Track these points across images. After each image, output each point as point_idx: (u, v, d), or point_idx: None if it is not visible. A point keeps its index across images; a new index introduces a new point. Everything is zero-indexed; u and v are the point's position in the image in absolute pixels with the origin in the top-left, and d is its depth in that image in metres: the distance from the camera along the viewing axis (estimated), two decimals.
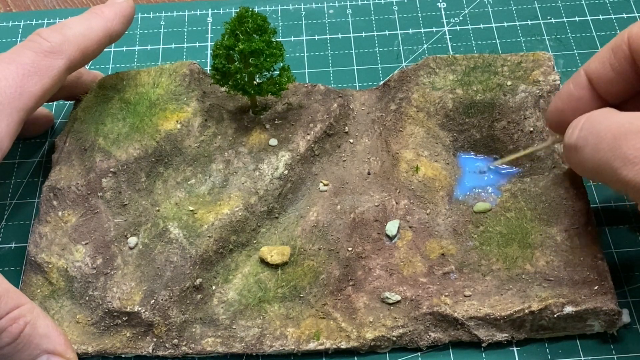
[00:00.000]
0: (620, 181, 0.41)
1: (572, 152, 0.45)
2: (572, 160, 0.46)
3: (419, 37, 0.66)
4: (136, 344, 0.48)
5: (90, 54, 0.52)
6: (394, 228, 0.51)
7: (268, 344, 0.48)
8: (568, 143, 0.45)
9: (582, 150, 0.44)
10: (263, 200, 0.52)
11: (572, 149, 0.45)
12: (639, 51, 0.45)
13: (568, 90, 0.48)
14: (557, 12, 0.67)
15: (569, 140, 0.45)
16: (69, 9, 0.71)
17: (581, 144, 0.44)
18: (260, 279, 0.50)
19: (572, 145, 0.45)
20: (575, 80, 0.48)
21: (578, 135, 0.44)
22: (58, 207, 0.52)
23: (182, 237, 0.50)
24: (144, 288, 0.49)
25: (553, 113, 0.49)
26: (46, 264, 0.51)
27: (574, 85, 0.48)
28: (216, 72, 0.53)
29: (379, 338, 0.48)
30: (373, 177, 0.54)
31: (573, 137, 0.45)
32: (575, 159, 0.45)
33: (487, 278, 0.49)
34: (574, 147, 0.44)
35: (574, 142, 0.44)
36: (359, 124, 0.57)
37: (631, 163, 0.40)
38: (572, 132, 0.45)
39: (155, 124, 0.54)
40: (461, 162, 0.55)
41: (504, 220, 0.51)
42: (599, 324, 0.47)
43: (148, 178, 0.53)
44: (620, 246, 0.52)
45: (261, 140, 0.55)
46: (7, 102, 0.47)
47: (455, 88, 0.55)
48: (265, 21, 0.51)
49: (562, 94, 0.49)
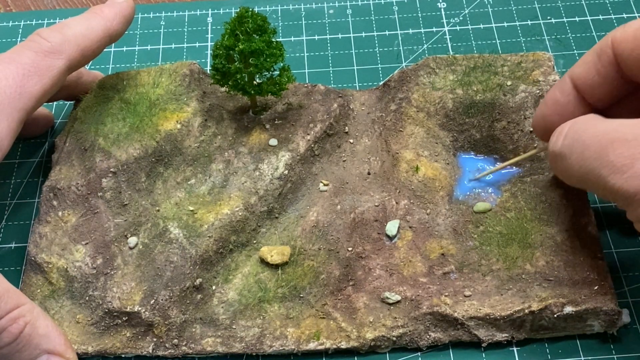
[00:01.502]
0: (608, 189, 0.41)
1: (558, 160, 0.44)
2: (557, 168, 0.45)
3: (419, 37, 0.66)
4: (136, 344, 0.48)
5: (91, 54, 0.52)
6: (394, 228, 0.51)
7: (268, 344, 0.48)
8: (553, 151, 0.44)
9: (568, 158, 0.43)
10: (263, 200, 0.52)
11: (557, 156, 0.44)
12: (623, 55, 0.44)
13: (553, 96, 0.47)
14: (557, 12, 0.67)
15: (554, 147, 0.44)
16: (69, 9, 0.71)
17: (566, 151, 0.43)
18: (260, 279, 0.50)
19: (556, 153, 0.44)
20: (560, 86, 0.47)
21: (562, 143, 0.43)
22: (58, 207, 0.52)
23: (182, 237, 0.50)
24: (144, 288, 0.49)
25: (539, 120, 0.48)
26: (46, 264, 0.51)
27: (559, 91, 0.47)
28: (216, 72, 0.53)
29: (379, 338, 0.48)
30: (373, 177, 0.54)
31: (557, 144, 0.44)
32: (561, 167, 0.44)
33: (487, 278, 0.49)
34: (559, 155, 0.44)
35: (559, 150, 0.44)
36: (359, 124, 0.57)
37: (619, 171, 0.40)
38: (555, 139, 0.44)
39: (155, 124, 0.54)
40: (461, 162, 0.55)
41: (504, 220, 0.51)
42: (599, 324, 0.47)
43: (148, 178, 0.53)
44: (620, 246, 0.52)
45: (261, 140, 0.55)
46: (7, 102, 0.47)
47: (455, 88, 0.55)
48: (265, 21, 0.51)
49: (547, 100, 0.48)
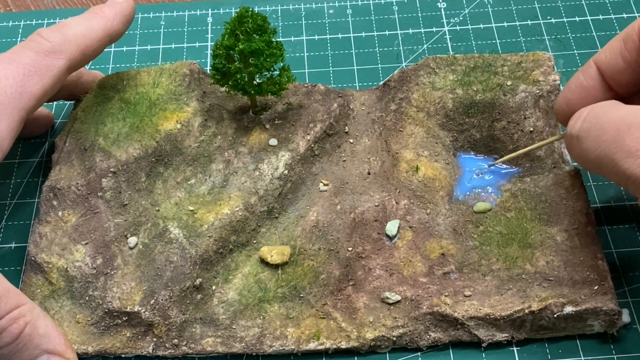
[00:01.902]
0: (622, 174, 0.41)
1: (574, 143, 0.45)
2: (574, 151, 0.45)
3: (419, 37, 0.66)
4: (136, 344, 0.48)
5: (91, 53, 0.52)
6: (394, 228, 0.51)
7: (268, 344, 0.48)
8: (570, 133, 0.45)
9: (584, 141, 0.43)
10: (263, 200, 0.52)
11: (574, 139, 0.45)
12: None
13: (578, 80, 0.48)
14: (557, 12, 0.67)
15: (572, 130, 0.45)
16: (69, 9, 0.71)
17: (583, 135, 0.43)
18: (260, 279, 0.50)
19: (574, 136, 0.44)
20: (585, 71, 0.48)
21: (581, 126, 0.44)
22: (58, 207, 0.52)
23: (182, 237, 0.50)
24: (144, 288, 0.49)
25: (562, 104, 0.49)
26: (46, 264, 0.50)
27: (584, 75, 0.48)
28: (216, 72, 0.53)
29: (379, 338, 0.48)
30: (373, 177, 0.54)
31: (576, 127, 0.44)
32: (577, 150, 0.45)
33: (487, 278, 0.49)
34: (576, 138, 0.44)
35: (577, 133, 0.44)
36: (359, 124, 0.57)
37: (634, 156, 0.40)
38: (574, 123, 0.45)
39: (155, 124, 0.54)
40: (461, 162, 0.55)
41: (504, 220, 0.51)
42: (599, 324, 0.47)
43: (148, 178, 0.53)
44: (620, 246, 0.52)
45: (261, 140, 0.55)
46: (7, 102, 0.47)
47: (455, 88, 0.55)
48: (265, 21, 0.51)
49: (571, 85, 0.48)
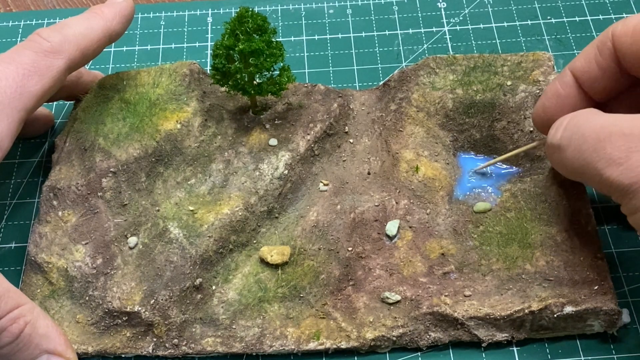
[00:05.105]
0: (604, 182, 0.41)
1: (555, 152, 0.45)
2: (555, 160, 0.46)
3: (419, 37, 0.66)
4: (136, 344, 0.48)
5: (90, 53, 0.52)
6: (394, 228, 0.51)
7: (268, 343, 0.48)
8: (551, 143, 0.45)
9: (566, 150, 0.43)
10: (263, 200, 0.52)
11: (555, 148, 0.45)
12: (623, 49, 0.44)
13: (554, 88, 0.48)
14: (557, 12, 0.67)
15: (552, 140, 0.45)
16: (69, 9, 0.71)
17: (565, 144, 0.44)
18: (260, 279, 0.50)
19: (555, 145, 0.45)
20: (561, 79, 0.48)
21: (562, 135, 0.44)
22: (58, 207, 0.52)
23: (182, 237, 0.50)
24: (144, 288, 0.49)
25: (539, 112, 0.49)
26: (46, 264, 0.51)
27: (560, 83, 0.48)
28: (216, 72, 0.53)
29: (379, 338, 0.48)
30: (373, 177, 0.54)
31: (557, 137, 0.44)
32: (558, 159, 0.45)
33: (487, 278, 0.49)
34: (557, 147, 0.44)
35: (557, 142, 0.44)
36: (359, 124, 0.57)
37: (615, 164, 0.40)
38: (555, 132, 0.45)
39: (155, 124, 0.54)
40: (461, 162, 0.55)
41: (504, 220, 0.51)
42: (599, 324, 0.47)
43: (148, 178, 0.53)
44: (620, 246, 0.52)
45: (261, 140, 0.55)
46: (7, 102, 0.47)
47: (455, 88, 0.55)
48: (265, 21, 0.51)
49: (548, 93, 0.48)
